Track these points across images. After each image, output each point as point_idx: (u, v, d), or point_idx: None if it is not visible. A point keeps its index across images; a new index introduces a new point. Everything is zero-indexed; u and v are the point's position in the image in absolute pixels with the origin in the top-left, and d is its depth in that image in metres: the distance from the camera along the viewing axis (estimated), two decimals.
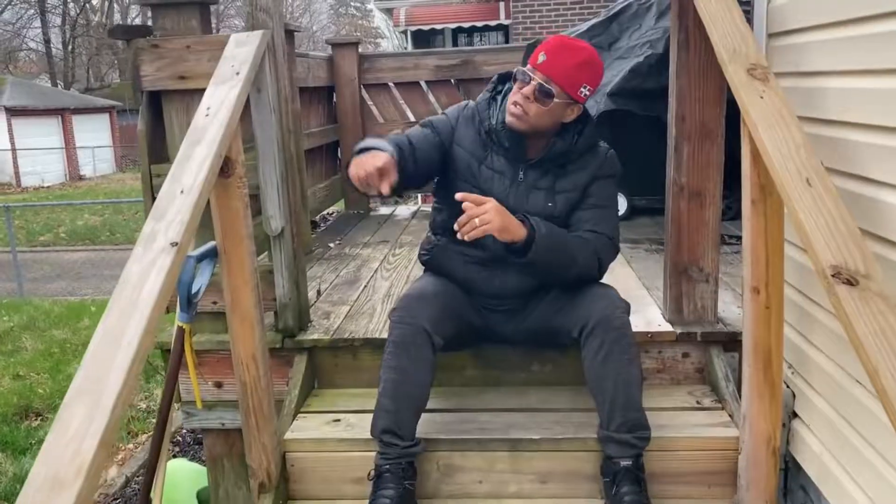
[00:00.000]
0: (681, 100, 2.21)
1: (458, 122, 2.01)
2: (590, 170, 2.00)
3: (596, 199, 2.00)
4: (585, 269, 1.95)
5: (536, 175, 1.97)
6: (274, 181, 2.21)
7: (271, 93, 2.17)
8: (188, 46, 2.24)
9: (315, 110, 4.29)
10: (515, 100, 1.89)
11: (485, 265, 2.03)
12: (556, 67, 1.84)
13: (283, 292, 2.32)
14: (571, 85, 1.85)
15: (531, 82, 1.86)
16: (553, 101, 1.86)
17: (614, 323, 1.86)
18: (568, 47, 1.88)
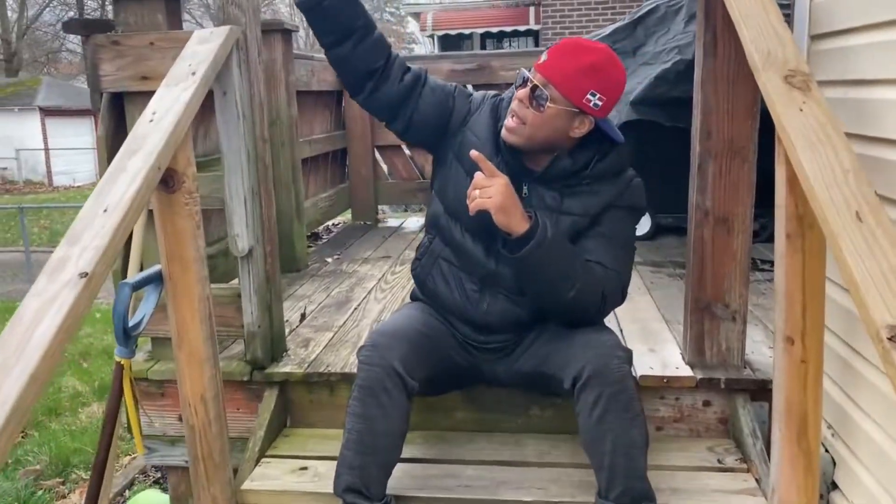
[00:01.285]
0: (706, 112, 1.92)
1: (482, 107, 1.76)
2: (605, 196, 1.70)
3: (606, 228, 1.71)
4: (585, 301, 1.66)
5: (542, 191, 1.70)
6: (241, 195, 1.97)
7: (239, 96, 1.93)
8: (151, 43, 2.01)
9: (320, 116, 4.06)
10: (512, 106, 1.63)
11: (472, 282, 1.76)
12: (557, 69, 1.57)
13: (251, 320, 2.08)
14: (573, 90, 1.57)
15: (527, 85, 1.59)
16: (548, 107, 1.58)
17: (612, 374, 1.57)
18: (575, 48, 1.60)
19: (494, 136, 1.70)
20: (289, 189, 3.18)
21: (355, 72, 1.71)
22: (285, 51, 3.11)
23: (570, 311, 1.67)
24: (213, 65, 1.77)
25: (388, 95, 1.71)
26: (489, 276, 1.73)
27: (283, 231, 3.21)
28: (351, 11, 1.66)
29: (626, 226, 1.75)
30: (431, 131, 1.76)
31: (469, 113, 1.75)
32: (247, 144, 1.98)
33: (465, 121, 1.74)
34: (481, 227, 1.65)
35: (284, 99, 3.11)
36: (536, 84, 1.57)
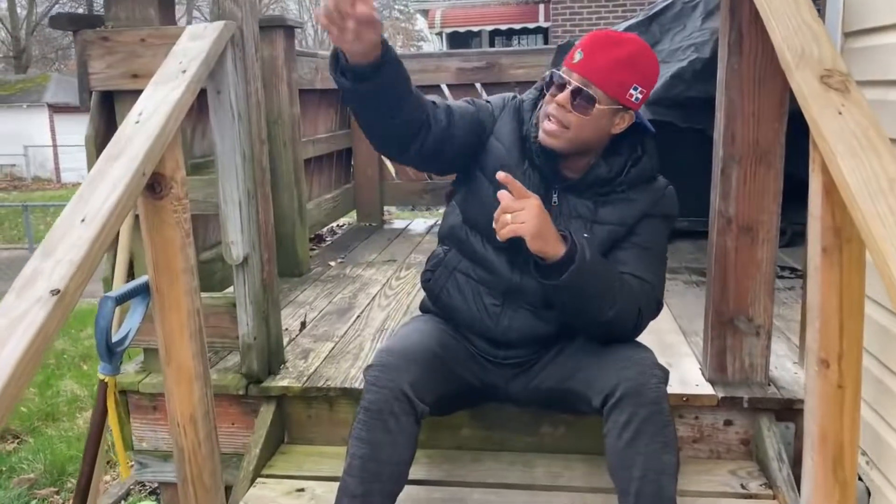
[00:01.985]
0: (730, 114, 1.80)
1: (503, 112, 1.64)
2: (640, 204, 1.60)
3: (643, 238, 1.61)
4: (622, 319, 1.55)
5: (574, 199, 1.59)
6: (236, 200, 1.86)
7: (234, 95, 1.82)
8: (143, 39, 1.91)
9: (325, 115, 3.95)
10: (549, 111, 1.50)
11: (493, 296, 1.65)
12: (597, 66, 1.46)
13: (246, 331, 1.97)
14: (617, 86, 1.47)
15: (566, 87, 1.48)
16: (595, 108, 1.47)
17: (648, 395, 1.45)
18: (610, 41, 1.49)
19: (520, 142, 1.60)
20: (291, 190, 3.08)
21: (402, 137, 1.56)
22: (287, 47, 3.00)
23: (605, 329, 1.56)
24: (206, 62, 1.66)
25: (434, 143, 1.56)
26: (513, 289, 1.62)
27: (285, 234, 3.11)
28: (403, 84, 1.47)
29: (661, 235, 1.65)
30: (469, 156, 1.63)
31: (495, 119, 1.63)
32: (242, 146, 1.87)
33: (493, 126, 1.63)
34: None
35: (286, 97, 3.00)
36: (579, 86, 1.46)
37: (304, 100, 3.55)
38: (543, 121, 1.51)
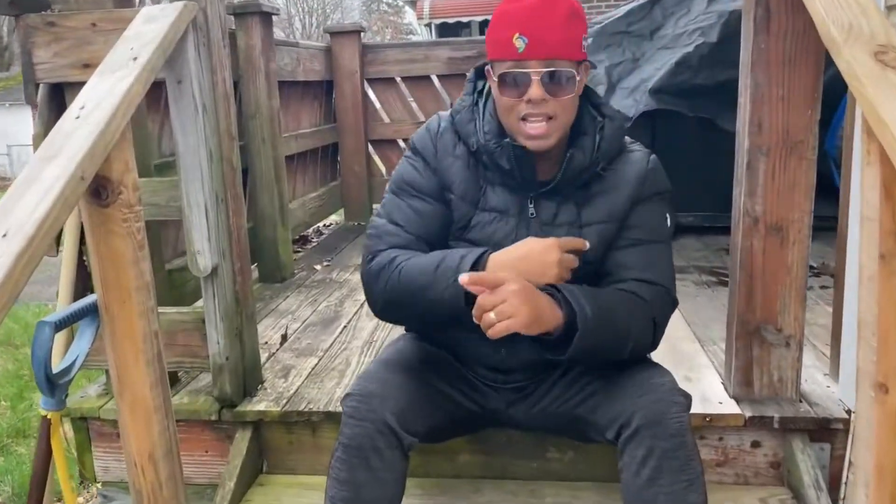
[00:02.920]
0: (756, 100, 1.60)
1: (438, 155, 1.38)
2: (626, 189, 1.37)
3: (642, 231, 1.39)
4: (640, 343, 1.36)
5: (552, 206, 1.37)
6: (201, 204, 1.65)
7: (197, 85, 1.61)
8: (94, 24, 1.69)
9: (308, 108, 3.74)
10: (527, 113, 1.27)
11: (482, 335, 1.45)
12: (550, 40, 1.23)
13: (217, 350, 1.76)
14: (576, 46, 1.27)
15: (529, 81, 1.25)
16: (577, 82, 1.28)
17: (669, 426, 1.26)
18: (542, 6, 1.24)
19: (471, 173, 1.37)
20: (271, 190, 2.87)
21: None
22: (265, 36, 2.78)
23: (623, 356, 1.36)
24: (162, 48, 1.45)
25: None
26: None
27: (266, 237, 2.91)
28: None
29: (659, 219, 1.43)
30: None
31: (435, 171, 1.38)
32: (208, 143, 1.66)
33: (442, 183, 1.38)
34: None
35: (264, 89, 2.79)
36: (548, 71, 1.24)
37: (286, 93, 3.34)
38: (518, 125, 1.28)
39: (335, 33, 4.00)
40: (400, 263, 1.30)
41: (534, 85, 1.24)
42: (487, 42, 1.30)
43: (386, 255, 1.33)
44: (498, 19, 1.27)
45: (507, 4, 1.27)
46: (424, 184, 1.38)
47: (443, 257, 1.28)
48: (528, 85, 1.25)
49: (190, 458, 1.87)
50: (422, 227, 1.36)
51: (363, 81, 4.04)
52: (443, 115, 1.43)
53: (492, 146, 1.32)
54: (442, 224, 1.38)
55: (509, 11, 1.26)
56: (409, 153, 1.42)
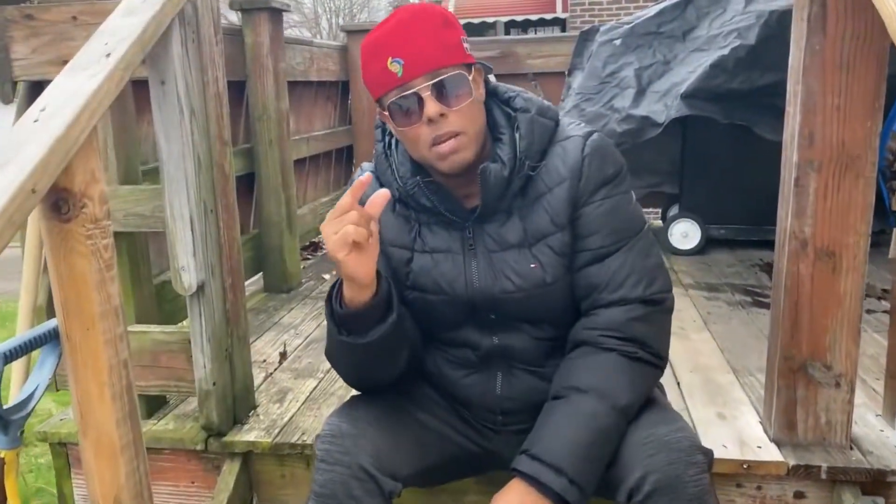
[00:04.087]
0: (808, 109, 1.42)
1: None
2: (561, 187, 1.17)
3: (602, 237, 1.18)
4: (647, 392, 1.19)
5: (495, 228, 1.20)
6: (186, 215, 1.50)
7: (184, 85, 1.46)
8: (74, 17, 1.56)
9: (321, 110, 3.59)
10: (434, 137, 1.11)
11: (477, 369, 1.29)
12: (423, 54, 1.08)
13: (203, 375, 1.61)
14: (454, 50, 1.11)
15: (420, 101, 1.09)
16: (469, 82, 1.11)
17: (686, 490, 1.07)
18: (402, 26, 1.10)
19: (401, 220, 1.24)
20: (277, 195, 2.72)
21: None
22: (273, 33, 2.64)
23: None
24: (140, 43, 1.30)
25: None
26: (495, 354, 1.26)
27: (271, 245, 2.76)
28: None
29: (618, 213, 1.19)
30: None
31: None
32: (196, 148, 1.51)
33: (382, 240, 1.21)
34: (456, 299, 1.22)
35: (272, 90, 2.64)
36: (433, 84, 1.08)
37: (297, 93, 3.20)
38: (430, 153, 1.12)
39: (352, 31, 3.85)
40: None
41: (427, 103, 1.08)
42: (365, 81, 1.15)
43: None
44: (366, 53, 1.12)
45: (371, 35, 1.12)
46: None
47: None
48: (420, 104, 1.09)
49: (175, 489, 1.73)
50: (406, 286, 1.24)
51: None
52: (364, 166, 1.30)
53: (409, 188, 1.18)
54: (392, 276, 1.22)
55: (375, 40, 1.11)
56: None
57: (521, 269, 1.18)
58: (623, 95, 3.06)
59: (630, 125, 2.95)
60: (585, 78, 3.22)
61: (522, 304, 1.20)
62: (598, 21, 9.11)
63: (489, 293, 1.20)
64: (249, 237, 2.72)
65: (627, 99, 3.03)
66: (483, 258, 1.20)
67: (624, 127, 2.96)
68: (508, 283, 1.19)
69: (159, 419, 1.76)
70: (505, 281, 1.19)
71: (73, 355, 1.17)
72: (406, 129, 1.12)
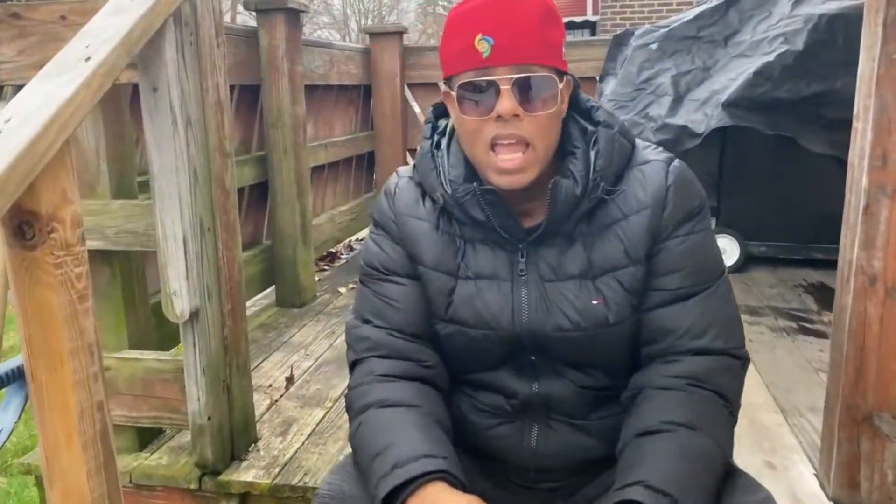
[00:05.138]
0: (881, 126, 1.24)
1: (398, 222, 1.06)
2: (642, 217, 0.99)
3: (683, 276, 0.99)
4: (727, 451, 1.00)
5: (553, 254, 1.01)
6: (178, 235, 1.37)
7: (178, 93, 1.33)
8: (63, 17, 1.43)
9: (342, 114, 3.46)
10: (496, 136, 0.93)
11: (510, 419, 1.12)
12: (522, 39, 0.91)
13: (197, 408, 1.48)
14: (555, 49, 0.93)
15: (497, 91, 0.91)
16: (558, 91, 0.93)
17: None
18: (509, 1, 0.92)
19: (443, 236, 1.04)
20: (292, 205, 2.59)
21: None
22: (290, 35, 2.50)
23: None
24: (125, 47, 1.17)
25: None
26: (534, 404, 1.08)
27: (285, 257, 2.63)
28: None
29: (701, 250, 1.01)
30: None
31: (404, 244, 1.06)
32: (192, 161, 1.38)
33: (412, 258, 1.05)
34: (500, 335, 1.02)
35: (288, 95, 2.51)
36: (520, 77, 0.90)
37: (317, 97, 3.07)
38: (487, 157, 0.94)
39: (375, 34, 3.72)
40: (362, 416, 1.00)
41: (503, 96, 0.91)
42: (442, 57, 0.97)
43: (361, 371, 1.04)
44: (453, 24, 0.95)
45: (463, 6, 0.95)
46: (391, 262, 1.06)
47: (385, 447, 0.94)
48: (495, 96, 0.91)
49: None
50: (398, 317, 1.04)
51: (403, 86, 3.74)
52: (401, 171, 1.10)
53: (460, 195, 0.98)
54: (424, 306, 1.05)
55: (466, 12, 0.93)
56: (371, 226, 1.11)
57: (580, 305, 1.00)
58: (659, 103, 2.88)
59: (666, 135, 2.77)
60: (619, 84, 3.05)
61: (575, 346, 1.02)
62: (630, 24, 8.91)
63: (540, 330, 1.01)
64: (261, 249, 2.59)
65: (664, 107, 2.85)
66: (535, 288, 1.01)
67: (660, 137, 2.78)
68: (564, 320, 1.00)
69: (152, 451, 1.63)
70: (560, 317, 1.00)
71: (37, 397, 1.04)
72: (470, 120, 0.94)
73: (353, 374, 1.06)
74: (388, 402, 0.99)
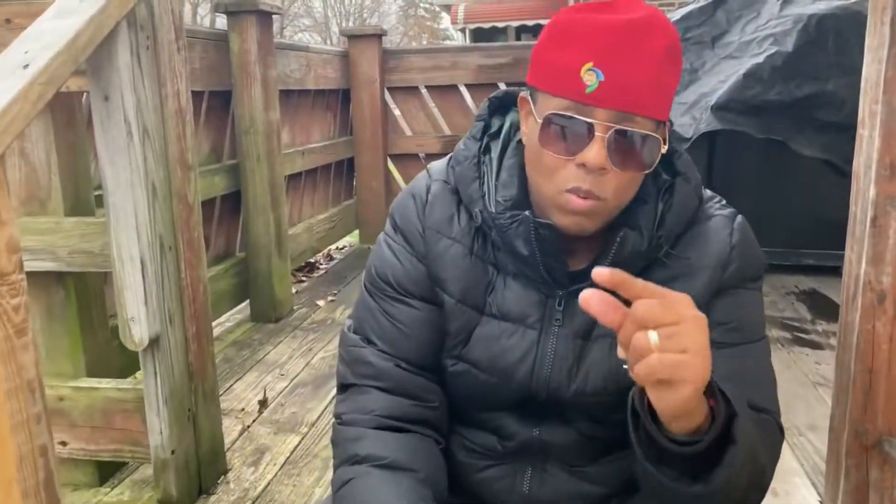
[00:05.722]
0: (890, 132, 1.16)
1: (426, 236, 0.91)
2: (702, 277, 0.86)
3: (732, 331, 0.87)
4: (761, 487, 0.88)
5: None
6: (136, 256, 1.26)
7: (132, 102, 1.22)
8: (8, 20, 1.32)
9: (319, 120, 3.35)
10: (574, 188, 0.78)
11: (502, 461, 1.01)
12: (637, 87, 0.75)
13: (159, 442, 1.37)
14: (668, 100, 0.79)
15: (595, 139, 0.76)
16: (656, 157, 0.79)
17: None
18: (633, 30, 0.75)
19: (477, 258, 0.89)
20: (266, 216, 2.48)
21: None
22: (262, 39, 2.40)
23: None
24: (70, 52, 1.06)
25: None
26: (532, 449, 0.98)
27: (259, 270, 2.52)
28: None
29: (755, 309, 0.91)
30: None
31: (424, 241, 0.90)
32: (150, 176, 1.27)
33: (430, 278, 0.90)
34: (511, 387, 0.90)
35: (260, 100, 2.40)
36: (628, 131, 0.75)
37: (292, 103, 2.97)
38: (558, 195, 0.80)
39: (353, 36, 3.62)
40: (351, 469, 0.87)
41: (595, 143, 0.76)
42: (537, 61, 0.80)
43: (358, 403, 0.90)
44: (561, 34, 0.78)
45: (579, 14, 0.78)
46: (409, 280, 0.91)
47: None
48: (586, 140, 0.76)
49: None
50: (406, 345, 0.90)
51: (383, 90, 3.64)
52: (435, 171, 0.93)
53: (505, 222, 0.84)
54: (437, 336, 0.91)
55: (581, 26, 0.77)
56: (388, 228, 0.95)
57: (610, 367, 0.87)
58: None
59: None
60: None
61: (595, 408, 0.91)
62: None
63: (558, 390, 0.88)
64: (234, 262, 2.48)
65: None
66: (564, 342, 0.88)
67: None
68: (588, 384, 0.88)
69: (113, 486, 1.52)
70: (585, 380, 0.88)
71: None
72: (549, 155, 0.79)
73: (346, 399, 0.92)
74: (383, 463, 0.87)
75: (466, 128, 4.13)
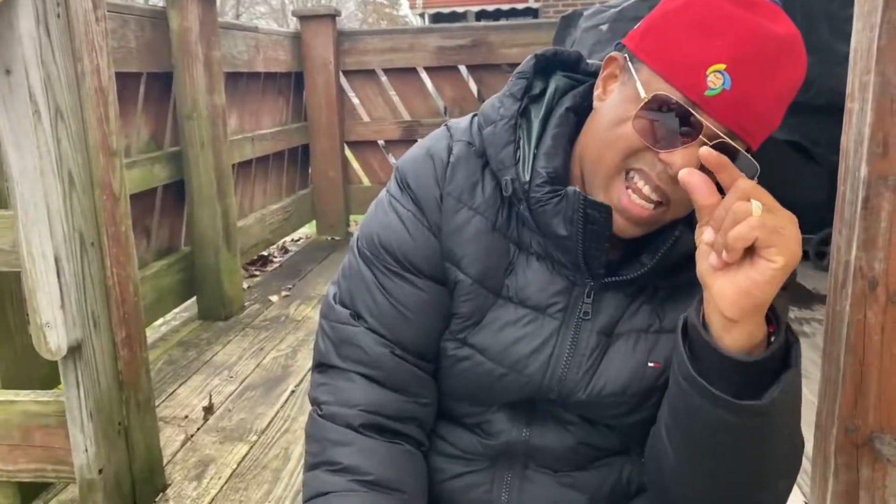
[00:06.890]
0: (882, 107, 1.07)
1: (445, 206, 0.77)
2: None
3: None
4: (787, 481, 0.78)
5: (620, 303, 0.78)
6: (49, 254, 1.11)
7: (39, 78, 1.07)
8: None
9: (270, 105, 3.19)
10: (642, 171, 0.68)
11: (480, 466, 0.89)
12: (760, 104, 0.65)
13: (85, 460, 1.22)
14: (770, 129, 0.69)
15: (694, 142, 0.64)
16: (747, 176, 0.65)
17: None
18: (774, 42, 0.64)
19: (502, 235, 0.77)
20: (212, 207, 2.32)
21: None
22: (204, 17, 2.24)
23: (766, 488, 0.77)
24: None
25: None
26: (515, 452, 0.86)
27: (206, 266, 2.36)
28: None
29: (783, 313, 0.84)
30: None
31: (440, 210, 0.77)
32: (65, 162, 1.12)
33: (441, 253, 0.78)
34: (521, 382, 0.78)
35: (203, 83, 2.24)
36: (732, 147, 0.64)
37: (241, 86, 2.81)
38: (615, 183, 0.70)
39: (305, 17, 3.45)
40: (330, 480, 0.75)
41: (690, 149, 0.65)
42: (659, 33, 0.68)
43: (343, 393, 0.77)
44: (700, 20, 0.66)
45: (728, 4, 0.66)
46: (417, 255, 0.77)
47: None
48: (687, 139, 0.66)
49: None
50: (406, 330, 0.77)
51: (339, 74, 3.49)
52: (455, 129, 0.80)
53: (543, 196, 0.72)
54: (440, 322, 0.79)
55: (724, 19, 0.65)
56: (394, 189, 0.80)
57: (632, 367, 0.77)
58: None
59: None
60: None
61: (606, 410, 0.80)
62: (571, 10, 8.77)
63: (572, 390, 0.78)
64: (179, 256, 2.32)
65: None
66: (585, 337, 0.78)
67: None
68: (608, 384, 0.78)
69: None
70: (603, 379, 0.78)
71: None
72: (633, 136, 0.67)
73: (328, 383, 0.79)
74: (367, 481, 0.75)
75: (427, 113, 3.98)
